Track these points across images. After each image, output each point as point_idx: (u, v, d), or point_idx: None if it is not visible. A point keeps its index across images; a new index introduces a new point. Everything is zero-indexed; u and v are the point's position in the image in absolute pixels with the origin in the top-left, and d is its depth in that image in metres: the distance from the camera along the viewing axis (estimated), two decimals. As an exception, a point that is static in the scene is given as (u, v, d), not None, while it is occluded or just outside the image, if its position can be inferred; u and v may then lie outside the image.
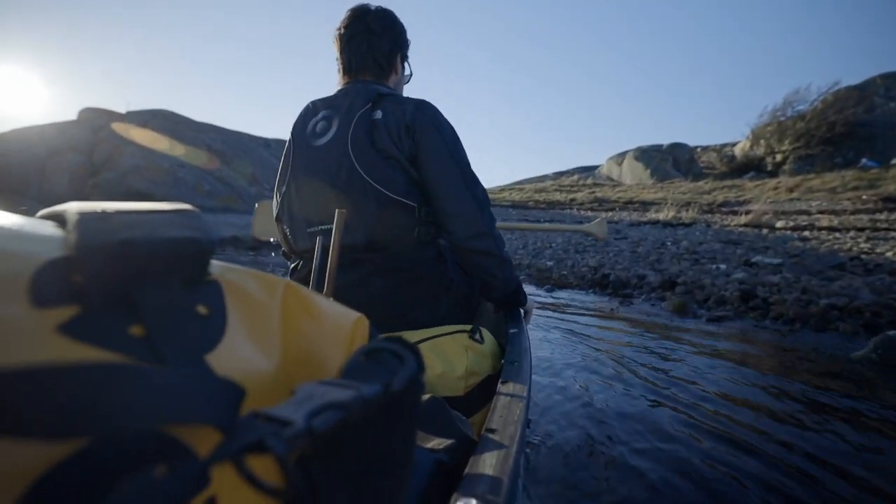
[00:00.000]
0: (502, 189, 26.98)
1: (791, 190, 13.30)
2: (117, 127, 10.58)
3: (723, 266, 4.36)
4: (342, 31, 1.22)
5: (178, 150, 11.23)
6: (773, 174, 18.42)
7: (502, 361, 0.94)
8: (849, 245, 5.51)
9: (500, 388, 0.73)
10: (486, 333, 1.02)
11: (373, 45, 1.20)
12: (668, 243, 6.15)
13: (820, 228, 7.15)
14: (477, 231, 1.10)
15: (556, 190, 22.43)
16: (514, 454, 0.50)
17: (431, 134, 1.08)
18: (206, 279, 0.31)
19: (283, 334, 0.35)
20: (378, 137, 1.06)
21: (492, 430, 0.56)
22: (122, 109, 11.88)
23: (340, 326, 0.40)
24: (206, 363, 0.27)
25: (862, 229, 6.76)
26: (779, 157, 19.76)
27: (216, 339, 0.29)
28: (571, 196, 19.03)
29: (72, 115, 11.55)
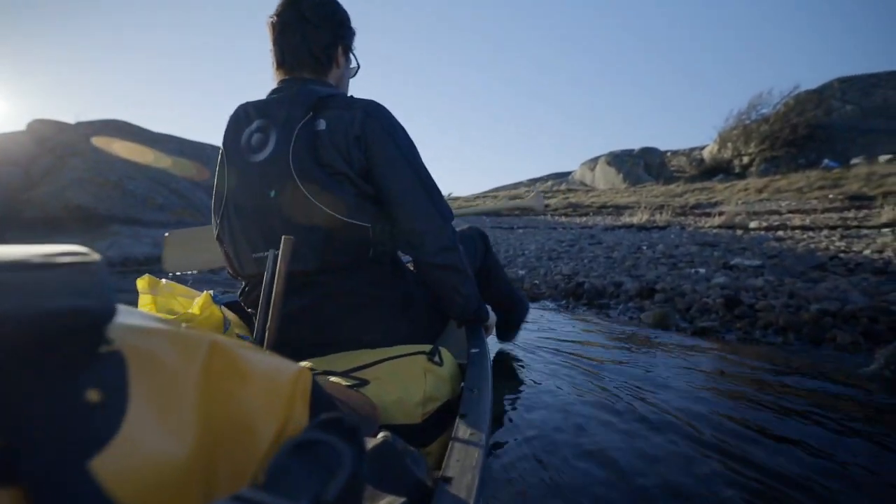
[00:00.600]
0: (476, 197, 26.82)
1: (760, 191, 13.44)
2: (98, 141, 9.90)
3: (702, 270, 4.14)
4: (274, 19, 1.06)
5: (164, 161, 10.56)
6: (741, 176, 18.72)
7: (462, 385, 0.91)
8: (824, 244, 5.39)
9: (459, 423, 0.68)
10: (445, 354, 0.96)
11: (308, 36, 1.06)
12: (644, 247, 5.94)
13: (793, 228, 7.07)
14: (443, 246, 1.04)
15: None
16: None
17: (385, 144, 0.99)
18: (104, 351, 0.25)
19: (203, 406, 0.30)
20: (322, 152, 0.96)
21: (447, 480, 0.53)
22: (71, 120, 11.29)
23: (276, 387, 0.35)
24: (88, 474, 0.21)
25: (834, 227, 6.70)
26: (745, 160, 20.13)
27: (111, 432, 0.23)
28: (545, 202, 18.94)
29: (23, 127, 10.89)
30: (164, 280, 1.04)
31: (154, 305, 0.98)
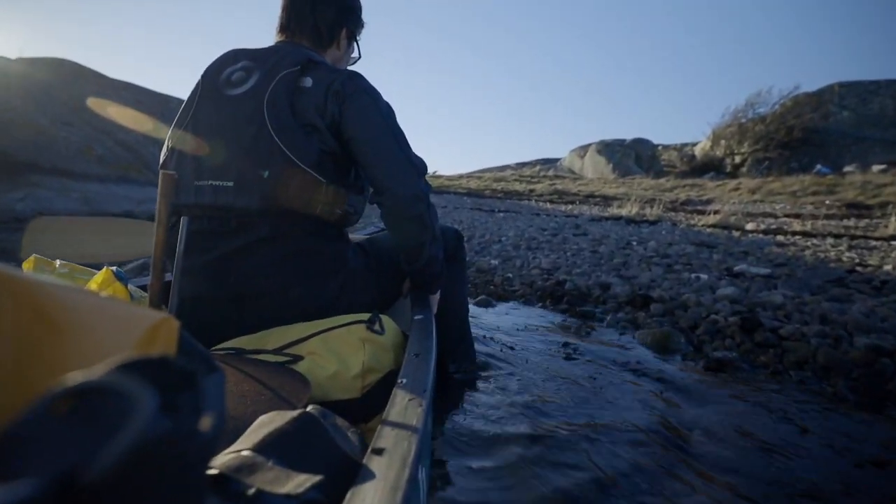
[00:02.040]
0: (461, 176, 26.03)
1: (753, 191, 12.97)
2: (93, 104, 8.79)
3: (704, 276, 3.52)
4: None
5: (161, 131, 9.50)
6: (732, 175, 18.32)
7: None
8: (833, 254, 4.84)
9: (396, 391, 0.60)
10: (387, 322, 0.93)
11: (317, 9, 1.13)
12: (634, 243, 5.32)
13: (794, 233, 6.53)
14: (413, 193, 1.01)
15: (515, 180, 21.67)
16: (405, 483, 0.39)
17: (362, 98, 1.01)
18: None
19: None
20: (299, 104, 0.99)
21: (379, 451, 0.44)
22: (13, 55, 10.14)
23: (114, 343, 0.26)
24: None
25: (839, 236, 6.17)
26: (738, 159, 19.71)
27: None
28: (531, 187, 18.28)
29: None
30: (58, 261, 0.94)
31: None
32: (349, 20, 1.19)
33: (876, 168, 14.35)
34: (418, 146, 1.04)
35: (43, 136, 6.46)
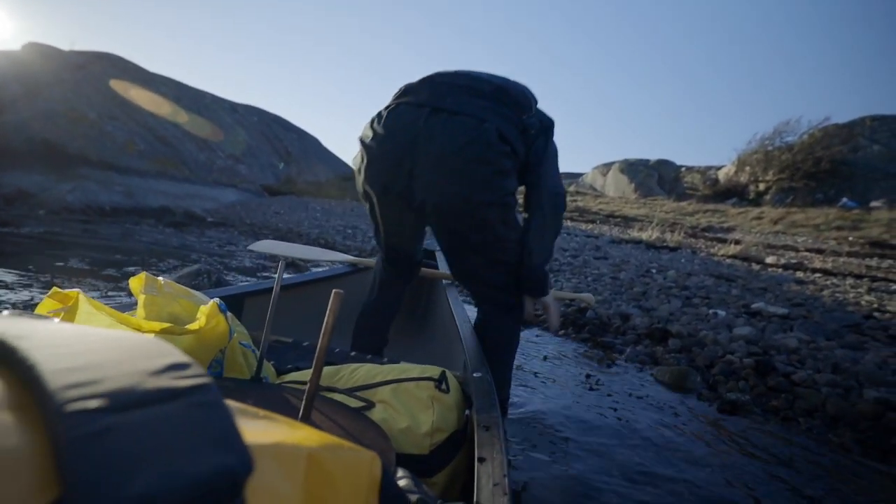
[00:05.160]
0: (482, 186, 26.12)
1: (775, 222, 12.90)
2: (116, 85, 9.17)
3: (721, 312, 3.62)
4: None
5: (156, 104, 9.89)
6: (755, 202, 18.17)
7: (466, 412, 0.91)
8: (852, 295, 4.87)
9: (480, 474, 0.61)
10: (451, 380, 0.96)
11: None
12: (654, 271, 5.41)
13: (814, 270, 6.55)
14: (564, 192, 1.39)
15: (536, 193, 21.70)
16: None
17: (546, 134, 1.35)
18: None
19: None
20: (495, 151, 1.24)
21: None
22: (66, 47, 10.60)
23: (356, 484, 0.32)
24: None
25: (860, 276, 6.18)
26: (762, 186, 19.52)
27: None
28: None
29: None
30: (161, 279, 0.98)
31: (155, 308, 0.93)
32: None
33: (904, 205, 14.12)
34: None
35: (91, 130, 6.79)
